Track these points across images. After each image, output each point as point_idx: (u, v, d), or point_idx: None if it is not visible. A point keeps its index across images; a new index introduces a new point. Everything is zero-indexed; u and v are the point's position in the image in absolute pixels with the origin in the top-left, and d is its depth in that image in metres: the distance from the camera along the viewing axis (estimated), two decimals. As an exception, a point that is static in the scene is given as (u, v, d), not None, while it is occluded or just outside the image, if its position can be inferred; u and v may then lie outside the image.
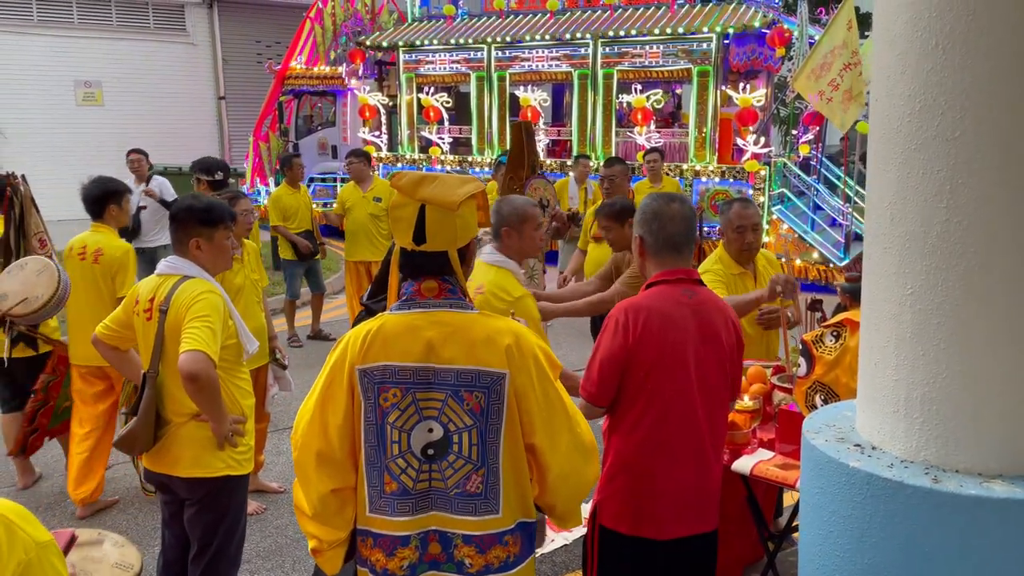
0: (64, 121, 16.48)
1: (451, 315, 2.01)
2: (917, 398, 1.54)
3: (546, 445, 2.00)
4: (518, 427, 2.00)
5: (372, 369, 1.98)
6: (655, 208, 2.58)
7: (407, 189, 2.01)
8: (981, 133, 1.43)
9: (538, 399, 1.99)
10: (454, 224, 2.01)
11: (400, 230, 2.03)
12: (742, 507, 3.09)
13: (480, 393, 1.97)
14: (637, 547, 2.50)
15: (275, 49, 18.14)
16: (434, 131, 13.10)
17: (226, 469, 2.94)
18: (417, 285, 2.03)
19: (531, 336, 2.06)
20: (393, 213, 2.04)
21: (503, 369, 1.96)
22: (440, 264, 2.03)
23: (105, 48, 17.05)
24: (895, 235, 1.56)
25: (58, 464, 5.05)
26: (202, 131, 18.15)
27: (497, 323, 2.04)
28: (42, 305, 3.97)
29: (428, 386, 1.98)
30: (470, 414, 1.97)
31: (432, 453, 1.99)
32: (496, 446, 1.99)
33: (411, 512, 2.01)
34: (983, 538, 1.41)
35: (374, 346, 1.99)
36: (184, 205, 3.01)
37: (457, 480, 1.99)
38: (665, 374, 2.45)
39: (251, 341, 3.07)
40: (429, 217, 1.98)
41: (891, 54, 1.56)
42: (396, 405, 1.98)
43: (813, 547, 1.65)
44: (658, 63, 11.25)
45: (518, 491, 2.03)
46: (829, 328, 2.70)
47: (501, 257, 3.16)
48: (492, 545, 2.01)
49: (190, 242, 2.97)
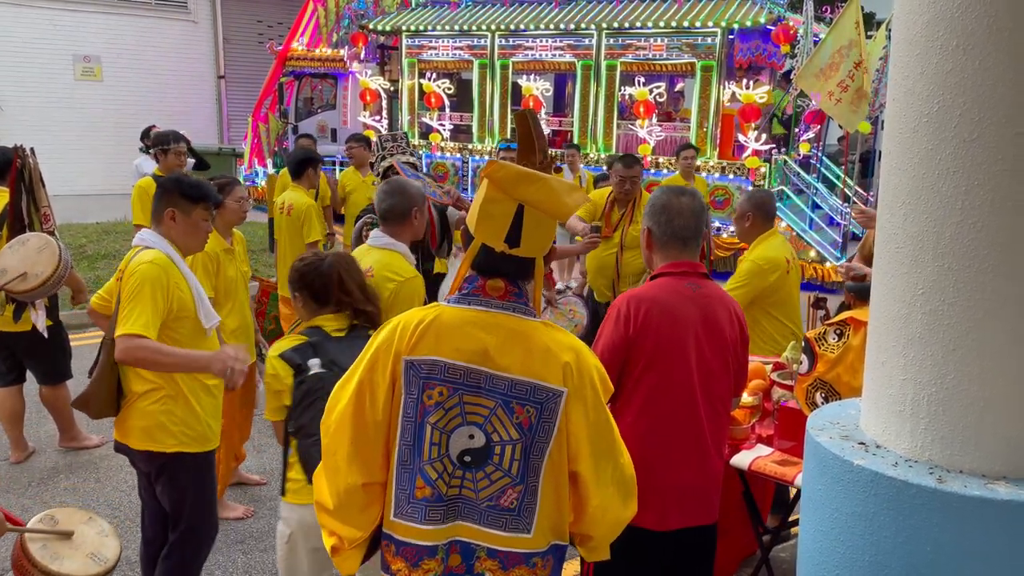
0: (62, 96, 16.35)
1: (513, 320, 1.86)
2: (924, 398, 1.55)
3: (591, 475, 1.88)
4: (565, 449, 1.86)
5: (420, 362, 1.83)
6: (664, 201, 2.59)
7: (506, 185, 1.81)
8: (999, 135, 1.43)
9: (590, 426, 1.86)
10: (552, 232, 1.89)
11: (491, 228, 1.84)
12: (741, 501, 3.10)
13: (532, 408, 1.83)
14: (636, 537, 2.50)
15: (277, 30, 18.04)
16: (435, 117, 13.06)
17: (177, 446, 2.89)
18: (483, 280, 1.88)
19: (591, 356, 1.94)
20: (486, 208, 1.84)
21: (560, 387, 1.82)
22: (525, 269, 1.89)
23: (105, 23, 16.91)
24: (908, 235, 1.56)
25: (51, 439, 5.05)
26: (201, 110, 18.05)
27: (559, 336, 1.89)
28: (42, 282, 3.93)
29: (477, 390, 1.84)
30: (518, 428, 1.83)
31: (469, 460, 1.85)
32: (539, 465, 1.85)
33: (440, 520, 1.87)
34: (986, 539, 1.42)
35: (426, 338, 1.84)
36: (174, 177, 3.06)
37: (491, 493, 1.86)
38: (666, 366, 2.46)
39: (210, 317, 2.97)
40: (528, 221, 1.82)
41: (910, 54, 1.55)
42: (441, 404, 1.83)
43: (813, 544, 1.66)
44: (662, 56, 11.23)
45: (556, 514, 1.91)
46: (832, 326, 2.71)
47: (390, 240, 3.24)
48: (517, 564, 1.88)
49: (165, 211, 2.93)
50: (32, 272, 3.86)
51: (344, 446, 1.88)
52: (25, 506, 4.18)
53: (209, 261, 3.86)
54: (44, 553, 2.45)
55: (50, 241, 4.04)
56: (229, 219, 4.14)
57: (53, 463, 4.79)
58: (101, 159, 15.98)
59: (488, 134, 12.61)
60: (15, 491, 4.43)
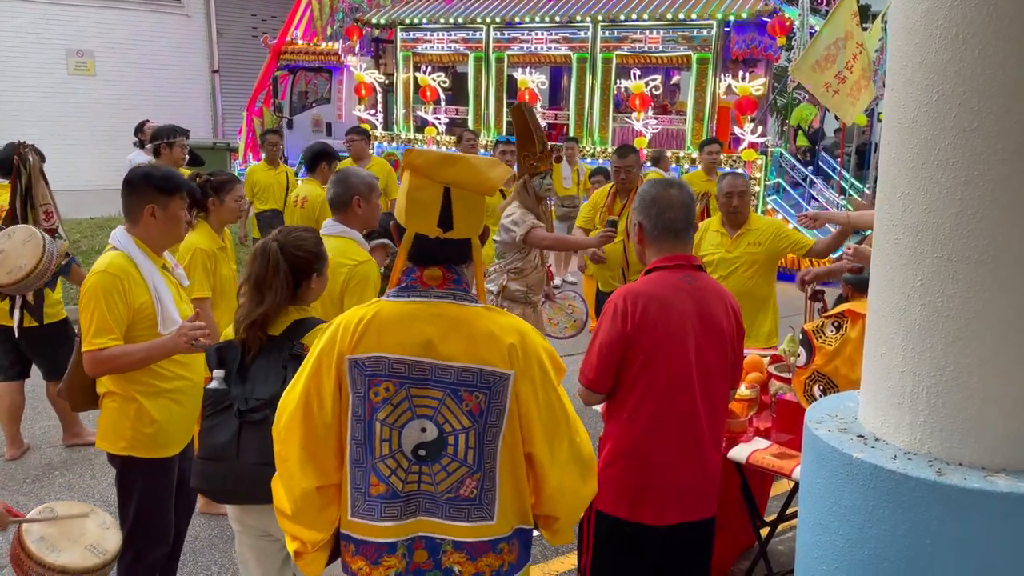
0: (55, 91, 16.26)
1: (453, 307, 1.86)
2: (923, 390, 1.54)
3: (545, 455, 1.88)
4: (518, 431, 1.87)
5: (364, 360, 1.83)
6: (654, 194, 2.58)
7: (428, 170, 1.82)
8: (999, 125, 1.42)
9: (540, 406, 1.86)
10: (482, 209, 1.88)
11: (421, 215, 1.84)
12: (738, 494, 3.10)
13: (481, 394, 1.83)
14: (634, 532, 2.50)
15: (271, 23, 17.93)
16: (430, 111, 13.02)
17: (127, 449, 2.85)
18: (420, 271, 1.88)
19: (537, 336, 1.92)
20: (412, 196, 1.84)
21: (507, 370, 1.82)
22: (462, 252, 1.89)
23: (97, 17, 16.79)
24: (906, 226, 1.55)
25: (46, 435, 5.03)
26: (195, 104, 17.93)
27: (501, 319, 1.89)
28: (25, 275, 3.89)
29: (424, 383, 1.83)
30: (468, 415, 1.83)
31: (424, 454, 1.84)
32: (494, 450, 1.85)
33: (399, 517, 1.86)
34: (986, 532, 1.41)
35: (368, 335, 1.83)
36: (141, 172, 2.94)
37: (450, 484, 1.85)
38: (664, 360, 2.45)
39: (168, 323, 2.85)
40: (456, 202, 1.82)
41: (909, 43, 1.54)
42: (388, 400, 1.83)
43: (812, 537, 1.65)
44: (658, 49, 11.19)
45: (516, 497, 1.91)
46: (830, 318, 2.70)
47: (343, 228, 3.33)
48: (484, 552, 1.88)
49: (145, 208, 2.86)
50: (16, 264, 3.82)
51: (295, 451, 1.88)
52: (20, 503, 4.15)
53: (208, 260, 3.79)
54: (41, 545, 2.44)
55: (35, 233, 4.00)
56: (226, 218, 4.05)
57: (48, 460, 4.77)
58: (95, 154, 15.89)
59: (484, 128, 12.56)
60: (10, 488, 4.41)
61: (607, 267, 5.33)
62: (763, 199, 10.47)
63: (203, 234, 3.86)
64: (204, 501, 4.09)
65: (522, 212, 4.56)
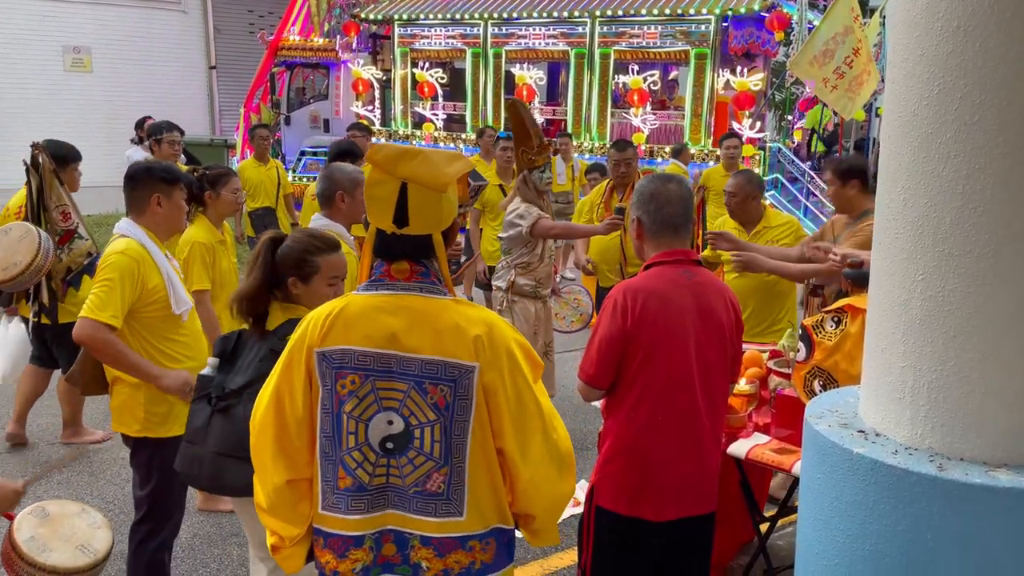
0: (52, 88, 16.22)
1: (420, 300, 1.85)
2: (924, 385, 1.53)
3: (515, 451, 1.85)
4: (488, 426, 1.85)
5: (331, 353, 1.83)
6: (652, 189, 2.58)
7: (386, 165, 1.82)
8: (1001, 118, 1.41)
9: (508, 399, 1.83)
10: (440, 206, 1.84)
11: (378, 210, 1.84)
12: (738, 489, 3.09)
13: (446, 386, 1.81)
14: (634, 528, 2.50)
15: (268, 20, 17.89)
16: (428, 107, 12.99)
17: (142, 431, 2.98)
18: (387, 265, 1.88)
19: (507, 329, 1.89)
20: (369, 191, 1.85)
21: (472, 362, 1.80)
22: (423, 247, 1.87)
23: (94, 13, 16.75)
24: (907, 220, 1.54)
25: (45, 433, 5.03)
26: (192, 101, 17.92)
27: (469, 311, 1.87)
28: (20, 272, 3.92)
29: (389, 375, 1.82)
30: (434, 408, 1.82)
31: (391, 447, 1.84)
32: (462, 444, 1.83)
33: (365, 510, 1.85)
34: (987, 527, 1.41)
35: (335, 328, 1.83)
36: (143, 166, 3.16)
37: (417, 478, 1.84)
38: (663, 356, 2.44)
39: (180, 303, 3.02)
40: (412, 198, 1.80)
41: (909, 36, 1.53)
42: (354, 393, 1.83)
43: (813, 533, 1.64)
44: (656, 44, 11.16)
45: (492, 495, 1.88)
46: (830, 314, 2.70)
47: (328, 222, 3.40)
48: (453, 549, 1.85)
49: (151, 198, 3.02)
50: (11, 261, 3.84)
51: (268, 446, 1.90)
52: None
53: (207, 253, 3.84)
54: (32, 545, 2.43)
55: (31, 230, 4.01)
56: (223, 211, 4.11)
57: (47, 456, 4.76)
58: (92, 151, 15.70)
59: (482, 123, 12.53)
60: (8, 485, 4.40)
61: (604, 261, 5.33)
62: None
63: (201, 228, 3.91)
64: (203, 497, 4.09)
65: (526, 206, 4.58)
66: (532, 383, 1.89)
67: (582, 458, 4.80)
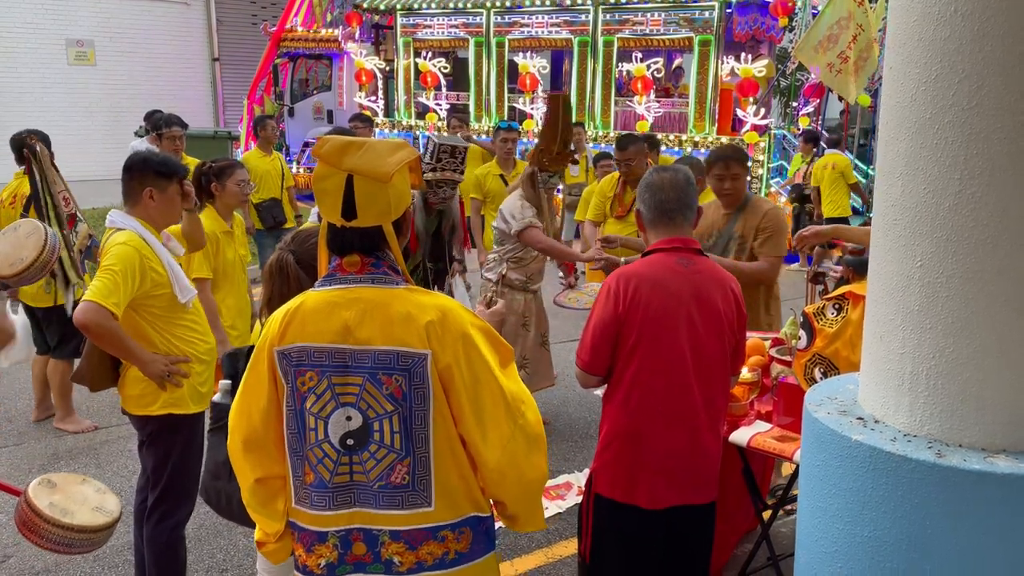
0: (56, 81, 16.24)
1: (371, 291, 1.82)
2: (923, 372, 1.53)
3: (477, 436, 1.82)
4: (449, 414, 1.82)
5: (289, 351, 1.82)
6: (647, 180, 2.63)
7: (331, 158, 1.79)
8: (998, 103, 1.40)
9: (466, 384, 1.79)
10: (387, 196, 1.80)
11: (326, 204, 1.81)
12: (740, 478, 3.09)
13: (400, 376, 1.78)
14: (631, 515, 2.51)
15: (270, 11, 17.88)
16: (431, 97, 12.96)
17: (168, 408, 3.00)
18: (339, 260, 1.86)
19: (464, 313, 1.85)
20: (317, 185, 1.82)
21: (423, 349, 1.77)
22: (374, 239, 1.84)
23: (97, 6, 16.75)
24: (905, 206, 1.53)
25: (49, 425, 5.06)
26: (196, 93, 17.92)
27: (421, 298, 1.83)
28: (25, 268, 3.94)
29: (345, 370, 1.80)
30: (390, 399, 1.79)
31: (352, 443, 1.82)
32: (424, 433, 1.81)
33: (329, 506, 1.84)
34: (986, 513, 1.40)
35: (292, 326, 1.82)
36: (140, 157, 3.13)
37: (380, 472, 1.82)
38: (655, 341, 2.45)
39: (185, 292, 3.05)
40: (358, 190, 1.78)
41: (907, 21, 1.52)
42: (313, 390, 1.82)
43: (812, 520, 1.64)
44: (659, 31, 11.11)
45: (462, 484, 1.86)
46: (831, 301, 2.69)
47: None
48: (424, 540, 1.84)
49: (144, 191, 3.03)
50: (18, 256, 3.88)
51: (239, 444, 1.91)
52: (26, 492, 4.19)
53: (209, 243, 3.88)
54: (55, 510, 2.59)
55: (39, 226, 4.04)
56: (229, 202, 4.18)
57: (53, 449, 4.79)
58: (96, 144, 15.88)
59: (485, 113, 12.51)
60: (16, 477, 4.43)
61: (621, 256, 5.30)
62: (766, 181, 10.42)
63: (207, 217, 3.97)
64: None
65: (523, 205, 4.47)
66: (495, 367, 1.85)
67: (587, 447, 4.82)
